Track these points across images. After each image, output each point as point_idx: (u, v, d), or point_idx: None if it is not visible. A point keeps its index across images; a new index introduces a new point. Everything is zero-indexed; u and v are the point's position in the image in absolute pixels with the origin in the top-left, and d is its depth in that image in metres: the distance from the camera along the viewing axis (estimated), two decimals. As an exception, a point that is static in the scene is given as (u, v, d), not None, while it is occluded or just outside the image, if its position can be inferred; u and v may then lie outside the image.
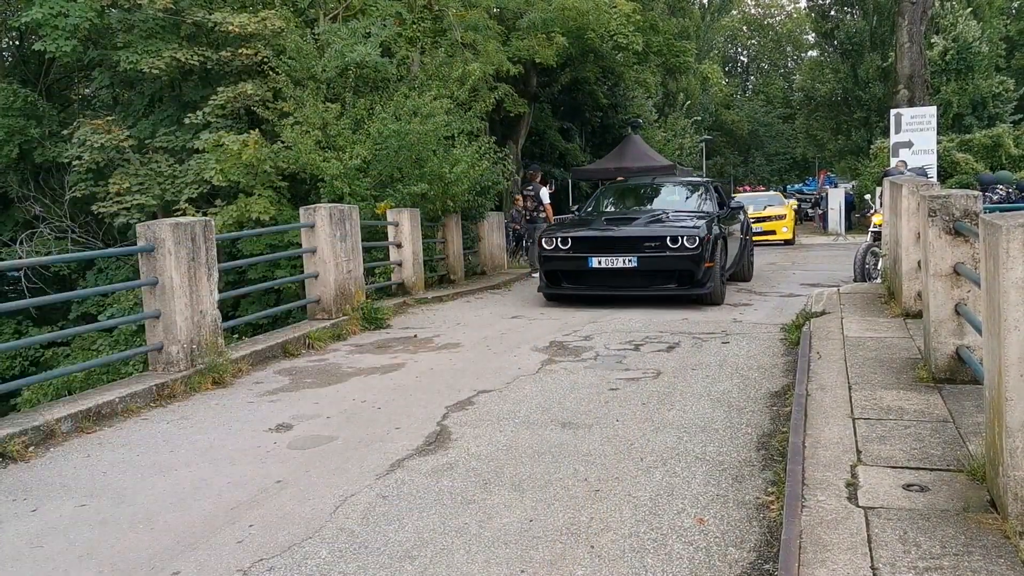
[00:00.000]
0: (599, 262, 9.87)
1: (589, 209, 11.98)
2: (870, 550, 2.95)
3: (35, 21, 13.81)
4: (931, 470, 3.67)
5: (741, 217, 12.54)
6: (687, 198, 11.74)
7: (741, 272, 12.42)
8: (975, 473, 3.53)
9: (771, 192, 30.55)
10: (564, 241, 10.15)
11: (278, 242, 12.69)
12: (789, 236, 23.12)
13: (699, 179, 12.94)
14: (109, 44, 14.88)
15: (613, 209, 11.89)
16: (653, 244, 9.71)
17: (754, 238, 19.27)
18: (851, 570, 2.82)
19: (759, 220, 21.74)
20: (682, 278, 9.72)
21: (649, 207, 11.61)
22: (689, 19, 40.40)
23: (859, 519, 3.21)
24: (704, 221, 10.07)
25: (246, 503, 4.05)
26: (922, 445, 3.98)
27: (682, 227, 9.82)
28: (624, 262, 9.74)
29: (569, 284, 10.30)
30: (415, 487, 4.14)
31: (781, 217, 23.22)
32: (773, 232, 22.71)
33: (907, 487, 3.49)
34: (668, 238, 9.64)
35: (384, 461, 4.56)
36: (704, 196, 11.66)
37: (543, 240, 10.36)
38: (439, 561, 3.33)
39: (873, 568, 2.83)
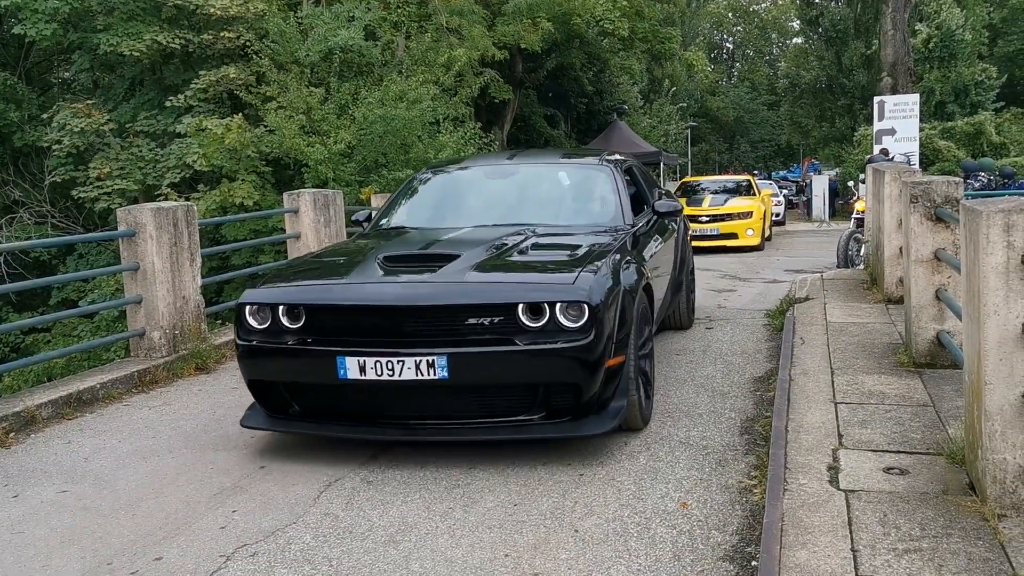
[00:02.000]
0: (362, 368, 4.13)
1: (383, 222, 6.03)
2: (850, 532, 2.98)
3: (14, 4, 13.64)
4: (911, 453, 3.71)
5: (675, 225, 6.93)
6: (573, 198, 6.04)
7: (675, 316, 7.21)
8: (954, 456, 3.57)
9: (740, 176, 21.76)
10: (291, 313, 4.42)
11: (262, 227, 12.62)
12: (756, 241, 16.41)
13: (596, 159, 6.41)
14: (89, 27, 14.71)
15: (417, 227, 5.80)
16: (485, 322, 4.16)
17: (706, 243, 15.21)
18: (832, 552, 2.85)
19: (715, 219, 16.22)
20: (555, 400, 4.20)
21: (491, 223, 5.48)
22: (674, 5, 40.24)
23: (840, 502, 3.24)
24: (605, 259, 4.55)
25: (229, 489, 4.03)
26: (902, 429, 4.02)
27: (552, 276, 4.43)
28: (419, 368, 4.07)
29: (305, 407, 4.50)
30: (400, 472, 4.14)
31: (746, 215, 16.38)
32: (734, 236, 16.10)
33: (887, 470, 3.53)
34: (520, 308, 4.13)
35: (369, 445, 4.55)
36: (607, 192, 5.85)
37: (245, 310, 4.52)
38: (424, 545, 3.33)
39: (853, 550, 2.86)
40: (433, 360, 4.06)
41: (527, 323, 4.12)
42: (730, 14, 66.19)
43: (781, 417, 4.29)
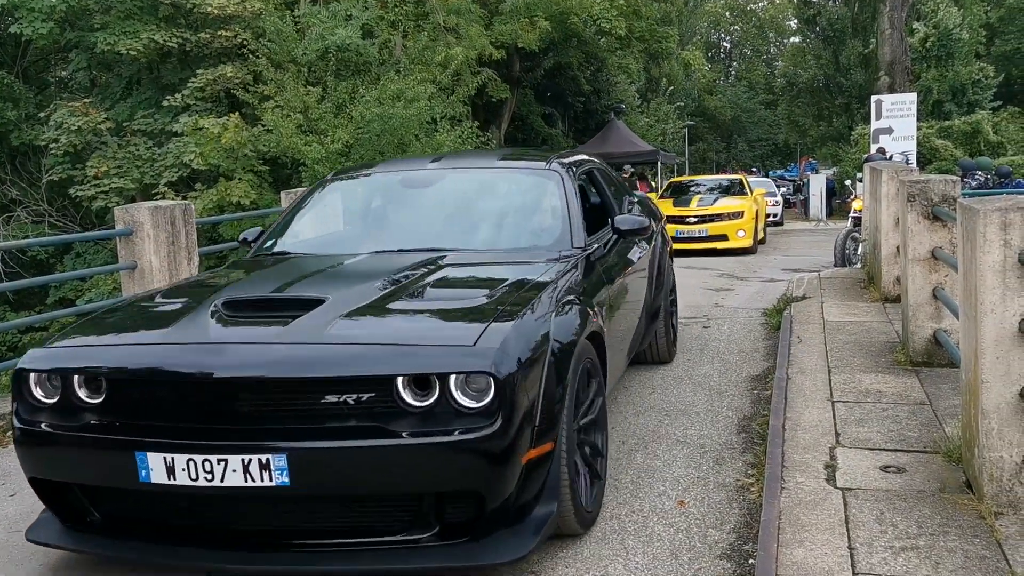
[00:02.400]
0: (170, 469, 2.82)
1: (268, 244, 4.68)
2: (847, 530, 2.99)
3: (11, 3, 13.62)
4: (908, 452, 3.71)
5: (648, 244, 5.51)
6: (508, 213, 4.62)
7: (652, 349, 5.83)
8: (951, 454, 3.57)
9: (733, 176, 19.90)
10: (91, 384, 3.05)
11: (259, 226, 12.62)
12: (748, 243, 15.23)
13: (543, 163, 4.80)
14: (86, 25, 14.71)
15: (305, 252, 4.47)
16: (350, 402, 2.82)
17: (695, 245, 14.49)
18: (829, 550, 2.85)
19: (704, 220, 15.25)
20: (451, 511, 2.87)
21: (396, 248, 4.18)
22: (672, 4, 40.31)
23: (837, 500, 3.24)
24: (533, 301, 3.23)
25: (227, 487, 4.02)
26: (899, 427, 4.03)
27: (448, 332, 3.10)
28: (248, 471, 2.76)
29: (109, 515, 3.13)
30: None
31: (737, 215, 15.32)
32: (724, 237, 15.04)
33: (884, 468, 3.53)
34: (400, 381, 2.79)
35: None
36: (553, 205, 4.46)
37: (28, 378, 3.10)
38: (421, 544, 3.33)
39: (850, 548, 2.86)
40: (268, 460, 2.75)
41: (410, 403, 2.80)
42: (727, 13, 66.23)
43: (778, 416, 4.30)
